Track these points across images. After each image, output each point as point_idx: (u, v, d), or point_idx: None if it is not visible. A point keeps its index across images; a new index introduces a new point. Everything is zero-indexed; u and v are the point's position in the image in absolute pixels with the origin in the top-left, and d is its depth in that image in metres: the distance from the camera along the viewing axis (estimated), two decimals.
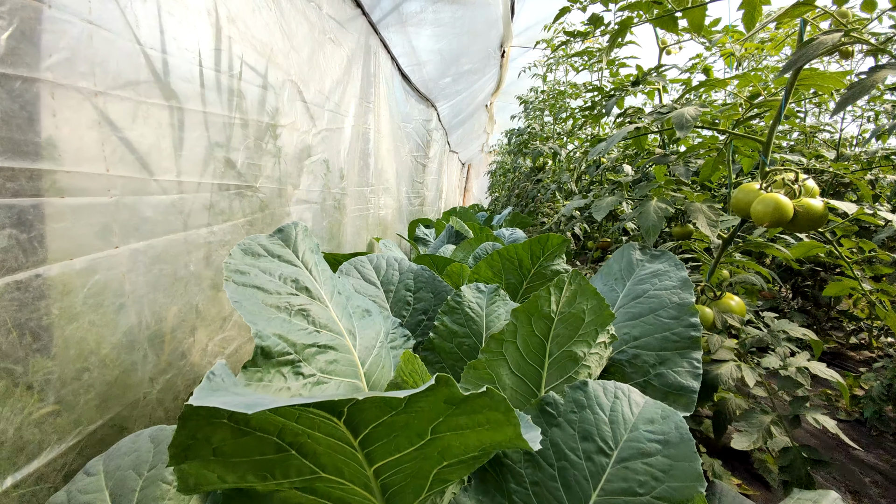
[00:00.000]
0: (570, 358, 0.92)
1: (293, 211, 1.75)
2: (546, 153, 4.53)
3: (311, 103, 2.00)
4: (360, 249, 2.87)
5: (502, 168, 9.56)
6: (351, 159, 2.62)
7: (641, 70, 2.72)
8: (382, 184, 3.53)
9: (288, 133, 1.76)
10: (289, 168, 1.74)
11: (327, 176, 2.09)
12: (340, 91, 2.41)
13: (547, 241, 1.69)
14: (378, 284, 1.33)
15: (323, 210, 2.05)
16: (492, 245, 2.36)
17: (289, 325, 0.88)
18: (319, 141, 2.05)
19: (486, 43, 5.23)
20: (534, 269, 1.78)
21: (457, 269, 1.93)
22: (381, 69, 3.47)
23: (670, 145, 2.49)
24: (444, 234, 3.05)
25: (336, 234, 2.24)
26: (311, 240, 1.11)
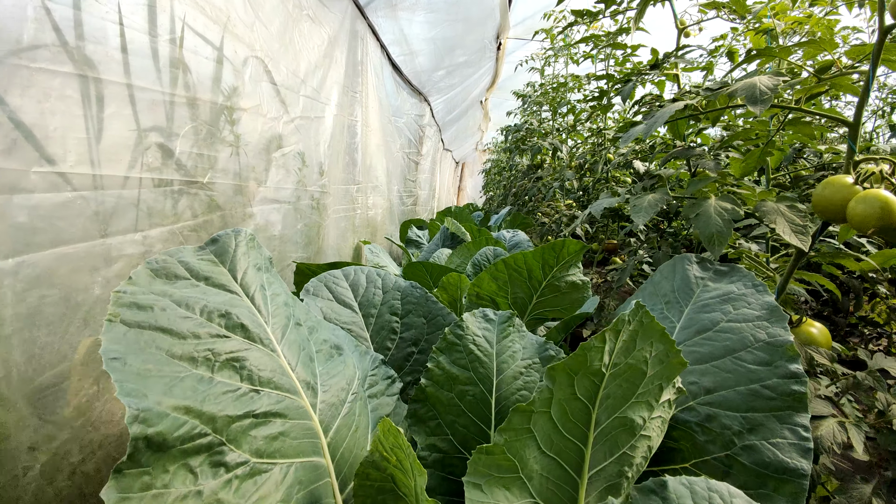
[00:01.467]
0: (624, 427, 0.63)
1: (257, 212, 1.45)
2: (545, 149, 4.25)
3: (283, 86, 1.69)
4: (344, 255, 2.56)
5: (497, 166, 9.29)
6: (334, 153, 2.31)
7: (657, 53, 2.44)
8: (371, 181, 3.22)
9: (250, 118, 1.45)
10: (251, 160, 1.43)
11: (302, 171, 1.79)
12: (320, 76, 2.10)
13: (562, 247, 1.40)
14: (355, 307, 1.03)
15: (297, 211, 1.75)
16: (492, 250, 2.07)
17: (206, 389, 0.58)
18: (293, 130, 1.74)
19: (482, 33, 4.93)
20: (546, 281, 1.49)
21: (454, 281, 1.63)
22: (369, 57, 3.16)
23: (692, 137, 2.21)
24: (439, 236, 2.76)
25: (314, 238, 1.94)
26: (259, 253, 0.81)
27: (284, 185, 1.64)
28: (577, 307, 1.56)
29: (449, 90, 5.65)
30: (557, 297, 1.54)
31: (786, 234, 0.83)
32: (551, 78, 4.86)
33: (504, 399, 0.80)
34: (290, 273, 1.68)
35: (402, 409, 0.87)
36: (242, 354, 0.64)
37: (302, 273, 1.59)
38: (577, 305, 1.56)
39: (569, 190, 3.89)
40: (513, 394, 0.80)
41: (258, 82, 1.53)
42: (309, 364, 0.75)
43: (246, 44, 1.46)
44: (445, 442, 0.79)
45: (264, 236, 1.49)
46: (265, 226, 1.49)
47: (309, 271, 1.58)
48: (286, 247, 1.67)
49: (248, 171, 1.42)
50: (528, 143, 4.86)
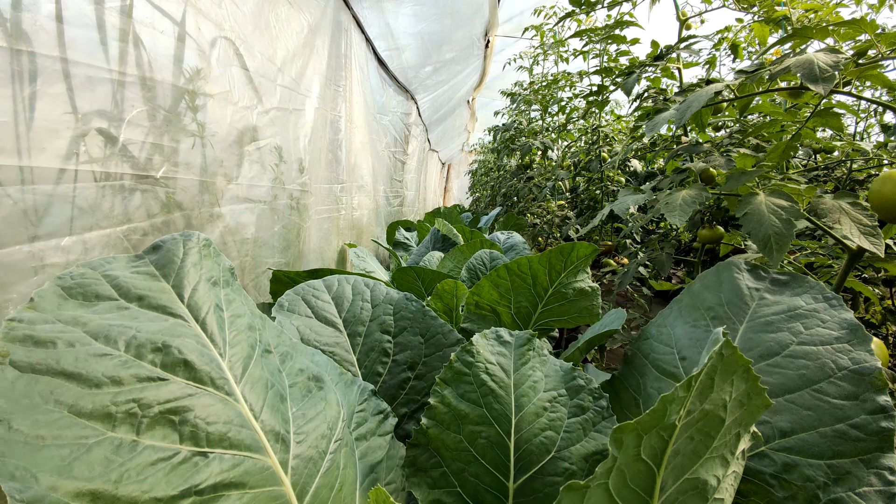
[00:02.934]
0: (694, 491, 0.48)
1: (227, 212, 1.27)
2: (535, 149, 4.13)
3: (257, 73, 1.51)
4: (328, 259, 2.38)
5: (484, 167, 9.18)
6: (315, 150, 2.13)
7: (657, 45, 2.32)
8: (356, 181, 3.05)
9: (218, 106, 1.27)
10: (219, 153, 1.25)
11: (280, 167, 1.61)
12: (299, 66, 1.93)
13: (571, 251, 1.26)
14: (339, 325, 0.87)
15: (274, 211, 1.57)
16: (488, 253, 1.92)
17: (126, 460, 0.41)
18: (268, 122, 1.56)
19: (470, 30, 4.79)
20: (552, 288, 1.35)
21: (449, 288, 1.47)
22: (353, 50, 2.99)
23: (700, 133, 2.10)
24: (429, 238, 2.60)
25: (294, 241, 1.76)
26: (216, 263, 0.63)
27: (259, 182, 1.46)
28: (585, 316, 1.42)
29: (436, 88, 5.49)
30: (565, 306, 1.39)
31: (853, 235, 0.69)
32: (541, 77, 4.75)
33: (525, 442, 0.64)
34: (265, 281, 1.50)
35: (396, 452, 0.70)
36: (185, 403, 0.47)
37: (279, 281, 1.41)
38: (585, 314, 1.41)
39: (561, 190, 3.77)
40: (536, 435, 0.64)
41: (228, 66, 1.35)
42: (279, 406, 0.58)
43: (213, 22, 1.28)
44: (453, 497, 0.63)
45: (235, 240, 1.31)
46: (236, 228, 1.31)
47: (287, 279, 1.41)
48: (261, 251, 1.49)
49: (216, 165, 1.24)
50: (517, 143, 4.74)
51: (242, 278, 1.36)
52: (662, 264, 2.06)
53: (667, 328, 0.79)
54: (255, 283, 1.44)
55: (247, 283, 1.39)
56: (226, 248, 1.26)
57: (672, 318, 0.80)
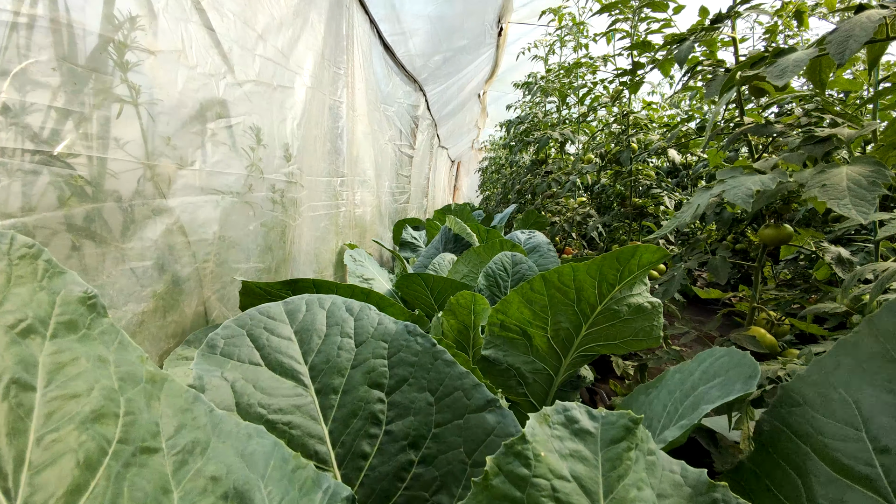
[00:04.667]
0: None
1: (176, 205, 0.97)
2: (554, 140, 3.79)
3: (227, 36, 1.21)
4: (324, 262, 2.08)
5: (495, 164, 8.86)
6: (309, 136, 1.84)
7: (706, 12, 1.99)
8: (358, 175, 2.75)
9: (165, 67, 0.97)
10: (165, 128, 0.96)
11: (256, 152, 1.31)
12: (288, 37, 1.63)
13: (631, 257, 0.94)
14: (303, 375, 0.56)
15: (248, 205, 1.27)
16: (510, 256, 1.60)
17: None
18: (242, 97, 1.26)
19: (483, 15, 4.47)
20: (602, 305, 1.03)
21: (465, 302, 1.16)
22: (355, 31, 2.69)
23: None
24: (439, 238, 2.29)
25: (277, 242, 1.46)
26: (49, 290, 0.33)
27: (226, 168, 1.16)
28: (642, 339, 1.10)
29: (446, 79, 5.18)
30: (616, 326, 1.07)
31: None
32: (557, 66, 4.41)
33: None
34: (235, 291, 1.20)
35: None
36: None
37: (251, 293, 1.11)
38: (642, 337, 1.09)
39: (584, 185, 3.44)
40: None
41: (182, 21, 1.05)
42: None
43: None
44: None
45: (189, 241, 1.02)
46: (191, 226, 1.02)
47: (261, 291, 1.10)
48: (229, 255, 1.19)
49: (160, 143, 0.94)
50: (532, 136, 4.41)
51: (200, 290, 1.06)
52: (718, 270, 1.72)
53: (839, 393, 0.48)
54: (220, 294, 1.14)
55: (208, 296, 1.09)
56: (172, 251, 0.96)
57: (846, 376, 0.48)
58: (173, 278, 0.96)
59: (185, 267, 1.00)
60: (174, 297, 0.96)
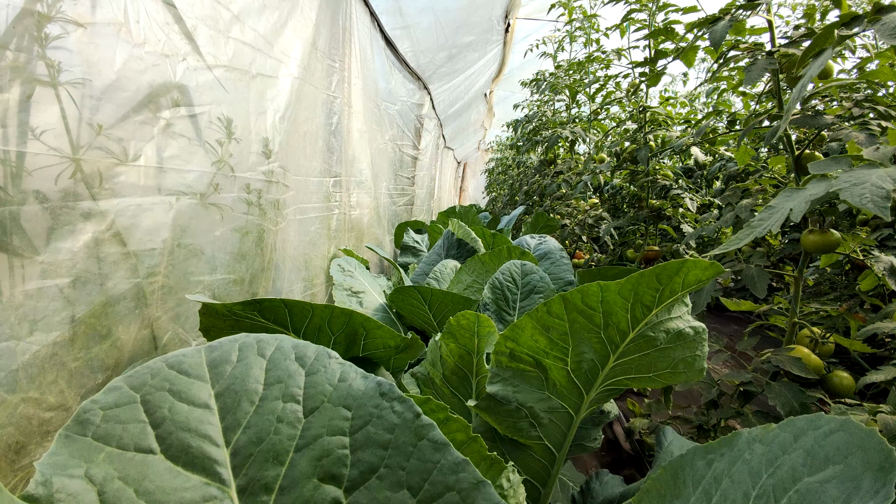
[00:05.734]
0: None
1: (111, 207, 0.79)
2: (564, 140, 3.59)
3: (191, 13, 1.04)
4: (315, 269, 1.90)
5: (502, 165, 8.68)
6: (296, 132, 1.66)
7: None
8: (354, 175, 2.57)
9: (98, 42, 0.80)
10: (99, 115, 0.78)
11: (226, 147, 1.13)
12: (272, 22, 1.45)
13: (675, 274, 0.74)
14: (221, 465, 0.36)
15: (215, 208, 1.09)
16: (519, 266, 1.41)
17: None
18: (209, 83, 1.08)
19: (490, 10, 4.28)
20: (635, 331, 0.83)
21: (468, 324, 0.96)
22: (354, 23, 2.51)
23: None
24: (442, 242, 2.10)
25: (254, 250, 1.28)
26: None
27: (185, 165, 0.98)
28: (681, 372, 0.90)
29: (452, 77, 4.99)
30: (650, 357, 0.88)
31: None
32: (567, 62, 4.21)
33: None
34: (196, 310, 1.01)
35: None
36: None
37: (213, 314, 0.93)
38: (682, 369, 0.89)
39: (596, 186, 3.23)
40: None
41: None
42: None
43: None
44: None
45: (130, 250, 0.83)
46: (131, 232, 0.83)
47: (227, 312, 0.92)
48: (189, 266, 1.01)
49: (89, 134, 0.76)
50: (541, 135, 4.20)
51: (145, 310, 0.87)
52: (754, 281, 1.51)
53: None
54: (174, 313, 0.96)
55: (157, 317, 0.91)
56: (101, 264, 0.78)
57: None
58: (104, 298, 0.78)
59: (121, 283, 0.82)
60: (104, 320, 0.78)
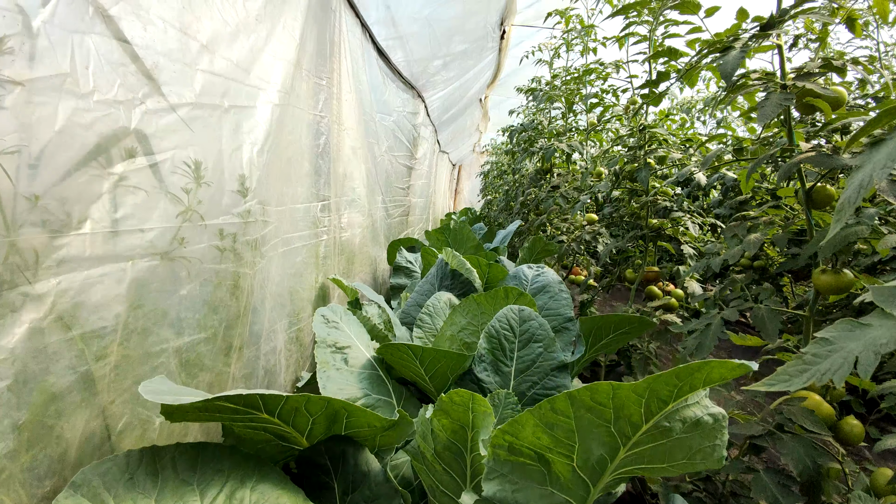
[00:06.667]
0: None
1: (49, 290, 0.67)
2: (561, 152, 3.49)
3: (151, 49, 0.92)
4: (301, 302, 1.79)
5: (498, 169, 8.58)
6: (276, 160, 1.55)
7: (745, 14, 1.68)
8: (346, 195, 2.45)
9: (38, 100, 0.69)
10: (40, 183, 0.66)
11: (194, 193, 1.02)
12: (249, 47, 1.33)
13: (697, 370, 0.64)
14: None
15: (181, 264, 0.98)
16: (517, 313, 1.31)
17: None
18: (172, 125, 0.97)
19: (485, 17, 4.17)
20: (649, 423, 0.73)
21: (461, 400, 0.86)
22: (344, 36, 2.39)
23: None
24: (435, 272, 1.99)
25: (225, 300, 1.16)
26: None
27: (144, 223, 0.87)
28: (699, 462, 0.80)
29: (446, 85, 4.88)
30: (664, 447, 0.78)
31: None
32: (564, 70, 4.11)
33: None
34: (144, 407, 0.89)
35: None
36: None
37: (175, 410, 0.81)
38: (699, 458, 0.79)
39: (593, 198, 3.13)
40: None
41: (78, 34, 0.76)
42: None
43: None
44: None
45: (75, 335, 0.72)
46: (77, 313, 0.72)
47: (188, 407, 0.80)
48: (149, 336, 0.89)
49: (24, 208, 0.65)
50: (536, 146, 4.10)
51: (94, 399, 0.76)
52: (764, 323, 1.42)
53: None
54: (132, 393, 0.84)
55: (109, 403, 0.79)
56: (40, 358, 0.66)
57: None
58: (44, 397, 0.67)
59: (65, 376, 0.70)
60: (44, 422, 0.67)
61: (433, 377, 1.21)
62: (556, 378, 1.25)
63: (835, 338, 0.61)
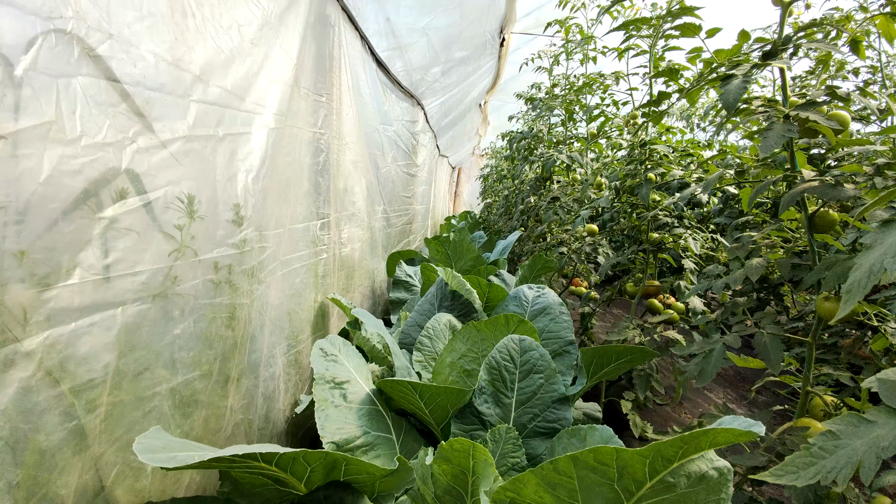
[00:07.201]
0: None
1: (37, 346, 0.64)
2: (561, 163, 3.46)
3: (142, 85, 0.90)
4: (300, 322, 1.77)
5: (497, 173, 8.55)
6: (274, 183, 1.52)
7: (747, 36, 1.66)
8: (346, 209, 2.43)
9: (19, 152, 0.66)
10: (25, 237, 0.64)
11: (189, 229, 0.99)
12: (244, 72, 1.31)
13: (703, 434, 0.62)
14: None
15: (174, 304, 0.95)
16: (518, 344, 1.28)
17: None
18: (165, 161, 0.95)
19: (484, 25, 4.14)
20: (653, 480, 0.70)
21: (462, 448, 0.84)
22: (344, 51, 2.37)
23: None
24: (435, 292, 1.96)
25: (221, 334, 1.14)
26: None
27: (134, 266, 0.85)
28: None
29: (445, 92, 4.85)
30: (668, 501, 0.75)
31: None
32: (563, 76, 4.08)
33: None
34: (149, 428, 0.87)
35: None
36: None
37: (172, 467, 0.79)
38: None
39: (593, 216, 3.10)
40: None
41: (63, 78, 0.73)
42: None
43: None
44: None
45: (65, 389, 0.69)
46: (66, 367, 0.69)
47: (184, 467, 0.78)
48: (141, 381, 0.87)
49: (10, 264, 0.63)
50: (535, 154, 4.07)
51: (86, 453, 0.73)
52: (767, 351, 1.39)
53: None
54: (125, 440, 0.81)
55: (101, 454, 0.76)
56: (29, 418, 0.63)
57: None
58: (35, 456, 0.65)
59: (55, 433, 0.68)
60: (38, 479, 0.65)
61: (433, 410, 1.19)
62: (557, 411, 1.23)
63: (841, 432, 0.58)
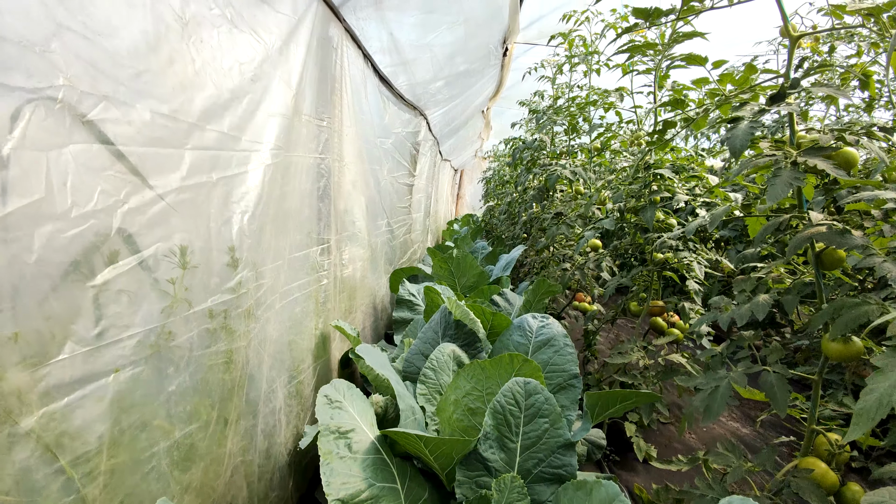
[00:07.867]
0: None
1: (34, 424, 0.62)
2: (562, 177, 3.43)
3: (134, 145, 0.88)
4: (301, 351, 1.75)
5: (500, 178, 8.51)
6: (270, 218, 1.50)
7: (753, 70, 1.62)
8: (346, 230, 2.41)
9: (8, 236, 0.64)
10: (20, 321, 0.62)
11: (181, 281, 0.97)
12: (241, 111, 1.28)
13: None
14: None
15: (168, 360, 0.93)
16: (522, 387, 1.27)
17: None
18: (158, 216, 0.92)
19: (487, 38, 4.10)
20: None
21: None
22: (346, 70, 2.35)
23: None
24: (439, 321, 1.93)
25: (218, 381, 1.11)
26: None
27: (124, 331, 0.82)
28: None
29: (448, 102, 4.82)
30: None
31: None
32: (566, 86, 4.05)
33: None
34: (150, 488, 0.85)
35: None
36: None
37: None
38: None
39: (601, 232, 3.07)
40: None
41: (55, 149, 0.71)
42: None
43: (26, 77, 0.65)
44: None
45: (63, 462, 0.67)
46: (62, 442, 0.67)
47: None
48: (139, 443, 0.84)
49: (4, 348, 0.61)
50: (539, 165, 4.04)
51: None
52: (774, 394, 1.36)
53: None
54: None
55: None
56: (32, 495, 0.62)
57: None
58: None
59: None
60: None
61: (438, 457, 1.17)
62: (562, 456, 1.21)
63: None
